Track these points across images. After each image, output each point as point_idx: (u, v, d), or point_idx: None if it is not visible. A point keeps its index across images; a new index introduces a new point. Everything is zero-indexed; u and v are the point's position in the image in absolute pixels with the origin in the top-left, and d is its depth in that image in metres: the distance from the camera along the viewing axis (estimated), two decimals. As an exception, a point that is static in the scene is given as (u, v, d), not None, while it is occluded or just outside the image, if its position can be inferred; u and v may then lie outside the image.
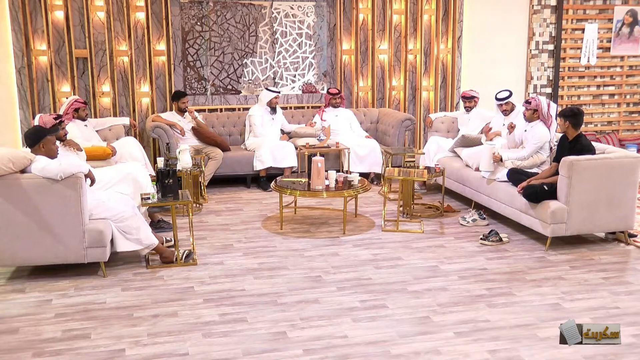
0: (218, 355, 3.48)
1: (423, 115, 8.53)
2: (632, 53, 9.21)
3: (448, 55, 8.53)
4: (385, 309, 4.06)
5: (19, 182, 4.38)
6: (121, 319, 3.93)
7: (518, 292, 4.36)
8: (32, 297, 4.29)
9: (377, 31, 8.25)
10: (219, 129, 7.78)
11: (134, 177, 5.18)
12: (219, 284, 4.50)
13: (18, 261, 4.55)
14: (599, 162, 5.16)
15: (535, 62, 8.89)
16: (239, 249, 5.27)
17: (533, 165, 5.75)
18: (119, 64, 7.56)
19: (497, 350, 3.53)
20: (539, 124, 5.76)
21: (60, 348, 3.56)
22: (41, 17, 7.19)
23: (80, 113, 6.59)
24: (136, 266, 4.84)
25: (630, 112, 9.46)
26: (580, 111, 5.29)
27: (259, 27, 7.97)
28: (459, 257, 5.08)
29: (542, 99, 5.86)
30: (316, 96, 8.31)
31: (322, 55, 8.22)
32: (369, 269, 4.79)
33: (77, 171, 4.45)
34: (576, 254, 5.14)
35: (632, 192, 5.26)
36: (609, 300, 4.23)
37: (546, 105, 5.81)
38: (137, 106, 7.67)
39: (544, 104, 5.81)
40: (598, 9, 9.00)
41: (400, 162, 7.41)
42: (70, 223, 4.47)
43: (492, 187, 5.92)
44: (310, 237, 5.59)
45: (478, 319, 3.93)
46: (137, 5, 7.47)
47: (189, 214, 5.16)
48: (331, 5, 8.11)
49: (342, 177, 5.88)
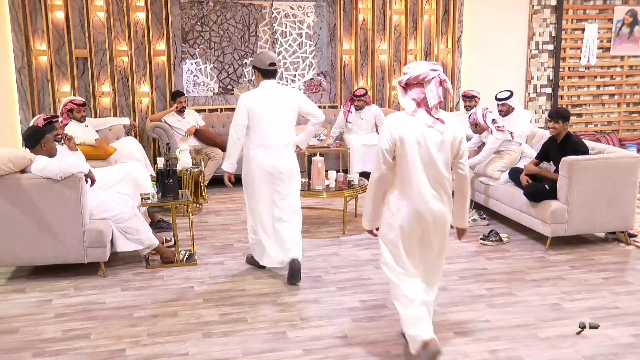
0: (218, 355, 3.48)
1: (423, 115, 8.52)
2: (632, 53, 9.21)
3: (448, 55, 8.53)
4: (385, 309, 4.06)
5: (19, 182, 4.38)
6: (121, 319, 3.94)
7: (518, 292, 4.36)
8: (32, 297, 4.29)
9: (377, 31, 8.25)
10: (219, 129, 7.78)
11: (134, 177, 5.18)
12: (219, 284, 4.50)
13: (18, 261, 4.55)
14: (599, 162, 5.16)
15: (535, 62, 8.89)
16: (239, 249, 5.27)
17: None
18: (119, 64, 7.57)
19: (497, 350, 3.53)
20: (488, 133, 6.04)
21: (60, 348, 3.56)
22: (41, 17, 7.19)
23: (74, 114, 6.44)
24: (136, 266, 4.84)
25: (630, 112, 9.46)
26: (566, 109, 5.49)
27: (259, 27, 7.97)
28: (459, 257, 5.08)
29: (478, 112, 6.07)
30: (316, 96, 8.31)
31: (322, 55, 8.22)
32: (369, 269, 4.79)
33: (77, 171, 4.45)
34: (576, 254, 5.14)
35: (632, 192, 5.26)
36: (609, 300, 4.23)
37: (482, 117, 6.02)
38: (137, 106, 7.67)
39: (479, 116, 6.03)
40: (598, 9, 9.00)
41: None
42: (70, 223, 4.47)
43: (492, 187, 5.93)
44: (310, 237, 5.59)
45: (478, 319, 3.93)
46: (137, 5, 7.47)
47: (189, 214, 5.16)
48: (331, 5, 8.11)
49: (342, 177, 5.89)
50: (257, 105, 4.43)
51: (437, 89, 3.29)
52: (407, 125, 3.28)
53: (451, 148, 3.32)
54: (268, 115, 4.45)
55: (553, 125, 5.26)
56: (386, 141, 3.30)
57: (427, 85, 3.28)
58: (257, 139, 4.46)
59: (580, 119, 9.25)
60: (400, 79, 3.37)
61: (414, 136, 3.26)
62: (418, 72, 3.29)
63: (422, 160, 3.27)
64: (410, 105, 3.30)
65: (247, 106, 4.43)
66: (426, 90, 3.28)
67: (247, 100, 4.45)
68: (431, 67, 3.31)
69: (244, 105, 4.43)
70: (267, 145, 4.46)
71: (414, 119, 3.29)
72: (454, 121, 3.38)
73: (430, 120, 3.27)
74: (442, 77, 3.33)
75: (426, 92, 3.28)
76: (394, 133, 3.29)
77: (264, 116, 4.44)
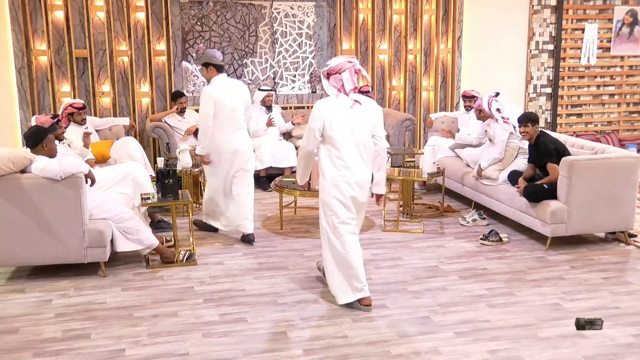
0: (218, 355, 3.48)
1: (423, 115, 8.53)
2: (632, 53, 9.21)
3: (448, 55, 8.53)
4: (385, 309, 4.06)
5: (19, 182, 4.38)
6: (121, 319, 3.94)
7: (518, 292, 4.36)
8: (32, 297, 4.29)
9: (377, 31, 8.25)
10: (219, 129, 7.77)
11: (134, 177, 5.18)
12: (219, 284, 4.50)
13: (18, 261, 4.55)
14: (599, 162, 5.16)
15: (535, 62, 8.89)
16: (239, 249, 5.27)
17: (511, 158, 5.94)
18: (119, 64, 7.56)
19: (497, 350, 3.53)
20: (492, 122, 6.01)
21: (60, 348, 3.56)
22: (41, 17, 7.19)
23: (75, 118, 6.35)
24: (136, 266, 4.84)
25: (630, 112, 9.46)
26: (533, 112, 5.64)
27: (259, 27, 7.97)
28: (459, 257, 5.08)
29: (484, 98, 6.07)
30: (316, 96, 8.31)
31: (322, 55, 8.22)
32: (369, 269, 4.78)
33: (77, 171, 4.45)
34: (576, 254, 5.14)
35: (632, 192, 5.26)
36: (609, 300, 4.23)
37: (487, 104, 6.01)
38: (137, 106, 7.67)
39: (485, 102, 6.03)
40: (598, 9, 9.00)
41: (400, 162, 7.41)
42: (70, 223, 4.47)
43: (492, 187, 5.92)
44: (310, 237, 5.59)
45: (478, 319, 3.93)
46: (137, 5, 7.47)
47: (189, 214, 5.16)
48: (331, 5, 8.11)
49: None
50: (221, 96, 5.16)
51: (352, 77, 3.96)
52: (334, 107, 3.97)
53: (369, 125, 4.01)
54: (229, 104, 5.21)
55: (523, 130, 5.38)
56: (317, 122, 3.95)
57: (343, 74, 3.94)
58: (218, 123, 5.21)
59: (580, 119, 9.25)
60: (323, 69, 4.02)
61: (339, 116, 3.94)
62: (336, 64, 3.96)
63: (348, 136, 3.94)
64: (332, 91, 3.98)
65: (214, 98, 5.12)
66: (343, 78, 3.94)
67: (214, 92, 5.14)
68: (347, 60, 3.99)
69: (210, 97, 5.12)
70: (233, 129, 5.29)
71: (338, 101, 3.96)
72: (371, 103, 4.07)
73: (350, 102, 3.96)
74: (357, 67, 3.98)
75: (343, 79, 3.95)
76: (323, 115, 3.95)
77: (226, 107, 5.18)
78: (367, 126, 3.98)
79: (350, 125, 3.93)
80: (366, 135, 3.99)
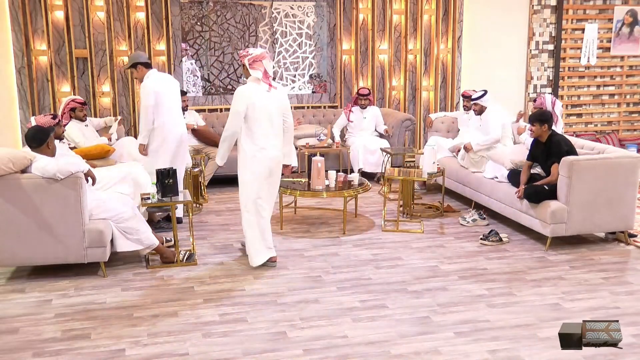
0: (218, 355, 3.48)
1: (423, 115, 8.54)
2: (632, 53, 9.21)
3: (448, 55, 8.53)
4: (385, 309, 4.06)
5: (19, 182, 4.38)
6: (121, 319, 3.93)
7: (518, 292, 4.36)
8: (32, 297, 4.29)
9: (377, 31, 8.25)
10: (219, 129, 7.77)
11: (134, 177, 5.18)
12: (219, 284, 4.50)
13: (18, 261, 4.55)
14: (599, 162, 5.16)
15: (535, 62, 8.89)
16: (239, 249, 5.26)
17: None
18: (119, 64, 7.56)
19: (497, 350, 3.53)
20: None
21: (60, 348, 3.56)
22: (41, 17, 7.19)
23: (77, 113, 6.39)
24: (136, 266, 4.84)
25: (630, 112, 9.46)
26: (548, 110, 5.68)
27: (259, 27, 7.97)
28: (459, 257, 5.08)
29: (547, 97, 6.13)
30: (316, 96, 8.31)
31: (322, 55, 8.22)
32: (369, 269, 4.79)
33: (76, 170, 4.44)
34: (576, 254, 5.14)
35: (632, 192, 5.26)
36: (609, 300, 4.23)
37: (550, 103, 6.06)
38: (137, 106, 7.66)
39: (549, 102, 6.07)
40: (598, 9, 9.00)
41: (400, 162, 7.41)
42: (70, 223, 4.47)
43: (492, 187, 5.93)
44: (310, 237, 5.59)
45: (478, 319, 3.93)
46: (137, 5, 7.47)
47: (189, 214, 5.16)
48: (331, 5, 8.11)
49: (343, 177, 5.89)
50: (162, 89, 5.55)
51: (270, 64, 4.63)
52: (255, 92, 4.56)
53: (281, 107, 4.68)
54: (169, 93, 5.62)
55: (531, 128, 5.40)
56: (241, 105, 4.52)
57: (264, 61, 4.58)
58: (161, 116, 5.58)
59: (580, 119, 9.25)
60: (247, 58, 4.57)
61: (260, 100, 4.55)
62: (260, 52, 4.60)
63: (266, 117, 4.58)
64: (258, 74, 4.56)
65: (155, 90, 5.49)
66: (264, 64, 4.58)
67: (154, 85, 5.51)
68: (265, 50, 4.73)
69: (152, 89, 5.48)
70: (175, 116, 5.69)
71: (259, 87, 4.58)
72: (282, 89, 4.78)
73: (267, 88, 4.60)
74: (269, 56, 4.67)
75: (264, 65, 4.59)
76: (246, 99, 4.52)
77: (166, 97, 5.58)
78: (280, 108, 4.66)
79: (267, 107, 4.57)
80: (279, 116, 4.67)
